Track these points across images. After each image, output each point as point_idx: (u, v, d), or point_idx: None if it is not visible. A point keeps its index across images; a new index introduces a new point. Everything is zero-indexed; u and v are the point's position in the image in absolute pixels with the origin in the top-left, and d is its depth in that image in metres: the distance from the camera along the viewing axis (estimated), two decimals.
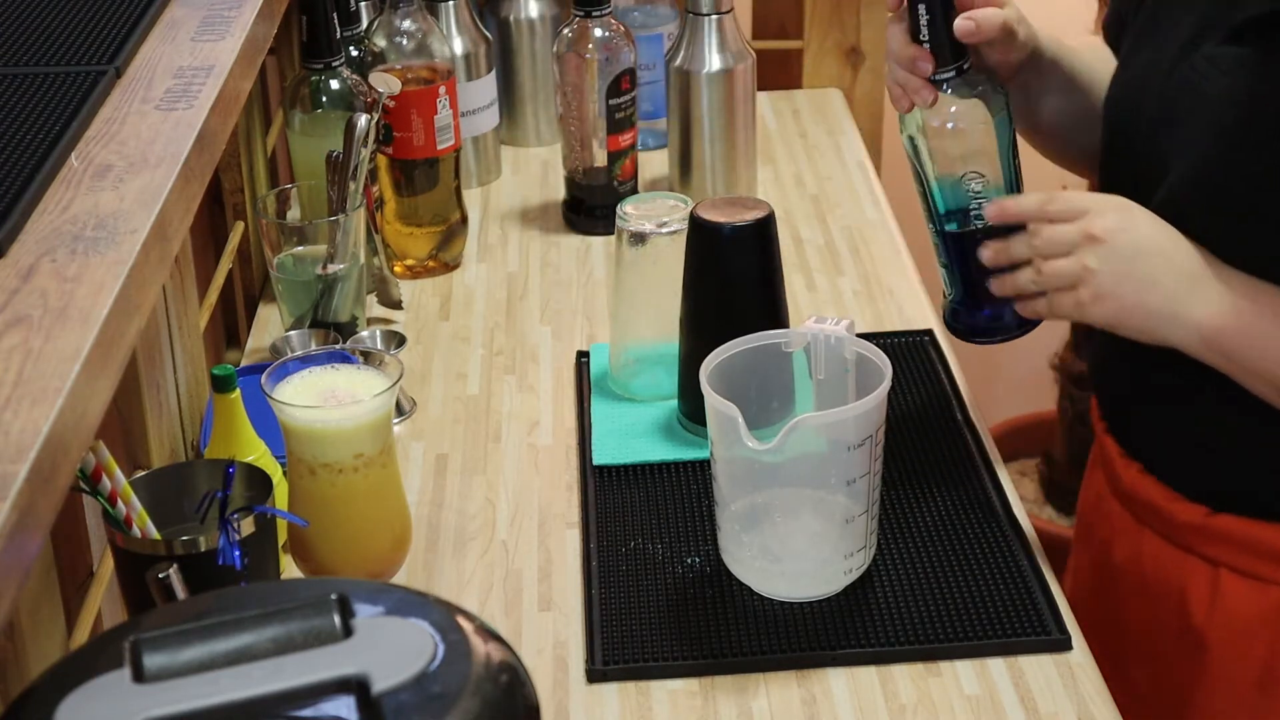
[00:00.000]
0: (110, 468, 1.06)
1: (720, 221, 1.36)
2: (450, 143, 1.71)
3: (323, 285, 1.51)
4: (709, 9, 1.74)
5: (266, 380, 1.17)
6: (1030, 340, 1.34)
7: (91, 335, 0.86)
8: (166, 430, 1.32)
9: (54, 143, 1.05)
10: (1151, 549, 1.36)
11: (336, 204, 1.51)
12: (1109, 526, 1.42)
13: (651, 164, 1.92)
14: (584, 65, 1.75)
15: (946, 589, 1.24)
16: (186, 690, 0.70)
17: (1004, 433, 2.71)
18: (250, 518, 1.10)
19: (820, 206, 1.87)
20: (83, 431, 0.84)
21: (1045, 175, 1.65)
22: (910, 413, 1.46)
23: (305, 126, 1.66)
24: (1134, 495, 1.37)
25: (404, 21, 1.69)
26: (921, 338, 1.58)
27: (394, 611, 0.76)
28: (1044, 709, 1.14)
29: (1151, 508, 1.35)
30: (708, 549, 1.29)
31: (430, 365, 1.58)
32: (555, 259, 1.77)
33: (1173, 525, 1.33)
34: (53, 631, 1.04)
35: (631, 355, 1.49)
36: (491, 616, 1.25)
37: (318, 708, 0.70)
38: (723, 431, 1.19)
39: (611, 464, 1.41)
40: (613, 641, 1.20)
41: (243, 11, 1.33)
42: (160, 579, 1.03)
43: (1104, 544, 1.43)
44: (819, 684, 1.17)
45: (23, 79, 1.15)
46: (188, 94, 1.17)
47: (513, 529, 1.35)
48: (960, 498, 1.34)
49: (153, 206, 1.00)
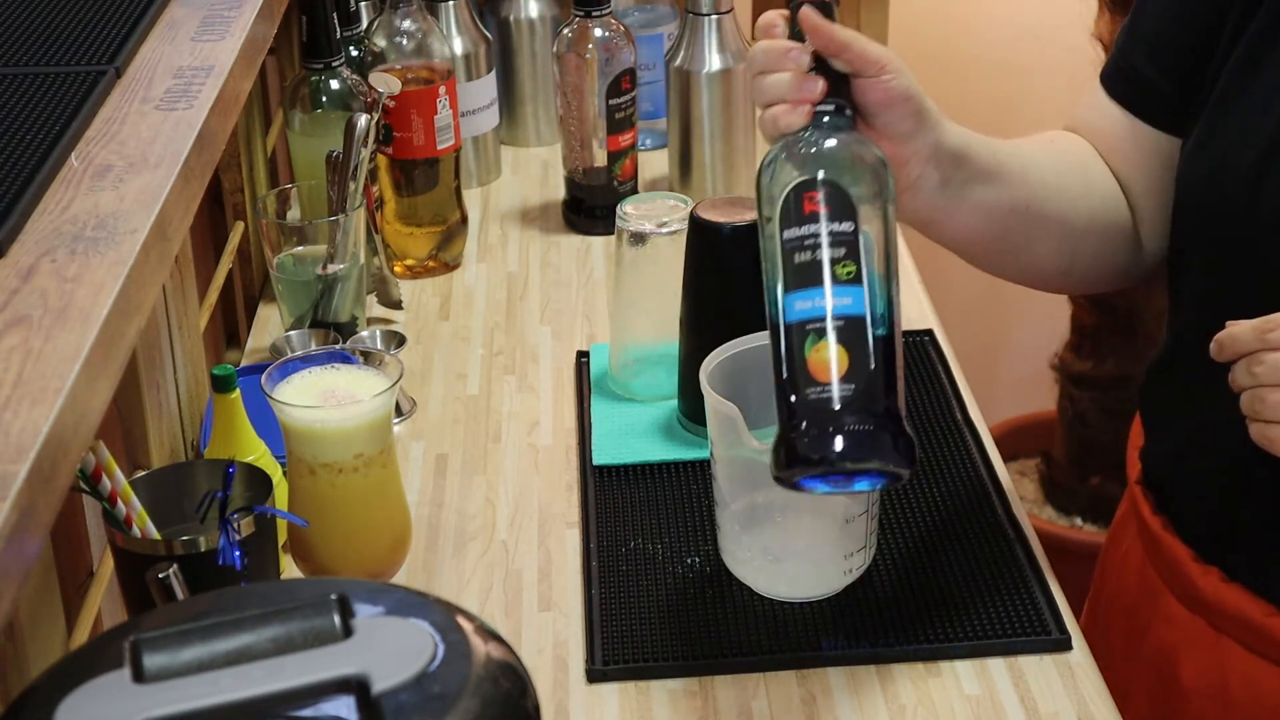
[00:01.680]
0: (110, 468, 1.06)
1: (720, 221, 1.36)
2: (450, 143, 1.71)
3: (323, 285, 1.51)
4: (709, 9, 1.74)
5: (266, 380, 1.17)
6: (1030, 340, 1.34)
7: (91, 335, 0.86)
8: (166, 430, 1.32)
9: (54, 143, 1.05)
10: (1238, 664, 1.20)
11: (336, 204, 1.51)
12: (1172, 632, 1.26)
13: (651, 164, 1.92)
14: (584, 65, 1.75)
15: (946, 589, 1.24)
16: (186, 690, 0.70)
17: (1004, 433, 2.71)
18: (250, 518, 1.10)
19: None
20: (83, 431, 0.84)
21: None
22: (910, 413, 1.45)
23: (305, 126, 1.66)
24: (1217, 607, 1.21)
25: (404, 21, 1.69)
26: (921, 338, 1.58)
27: (394, 611, 0.76)
28: (1044, 709, 1.14)
29: (1241, 620, 1.19)
30: (708, 549, 1.29)
31: (430, 365, 1.58)
32: (555, 259, 1.77)
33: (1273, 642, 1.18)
34: (53, 631, 1.04)
35: (631, 355, 1.49)
36: (491, 616, 1.25)
37: (318, 708, 0.70)
38: (723, 431, 1.19)
39: (611, 464, 1.40)
40: (613, 641, 1.20)
41: (243, 11, 1.33)
42: (160, 579, 1.03)
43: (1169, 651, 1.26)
44: (819, 684, 1.17)
45: (23, 79, 1.15)
46: (188, 94, 1.17)
47: (513, 529, 1.35)
48: (960, 498, 1.34)
49: (153, 206, 1.00)
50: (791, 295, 1.00)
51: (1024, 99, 2.55)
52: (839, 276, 0.98)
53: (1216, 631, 1.22)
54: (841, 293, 0.98)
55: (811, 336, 0.98)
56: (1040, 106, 2.34)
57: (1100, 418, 2.54)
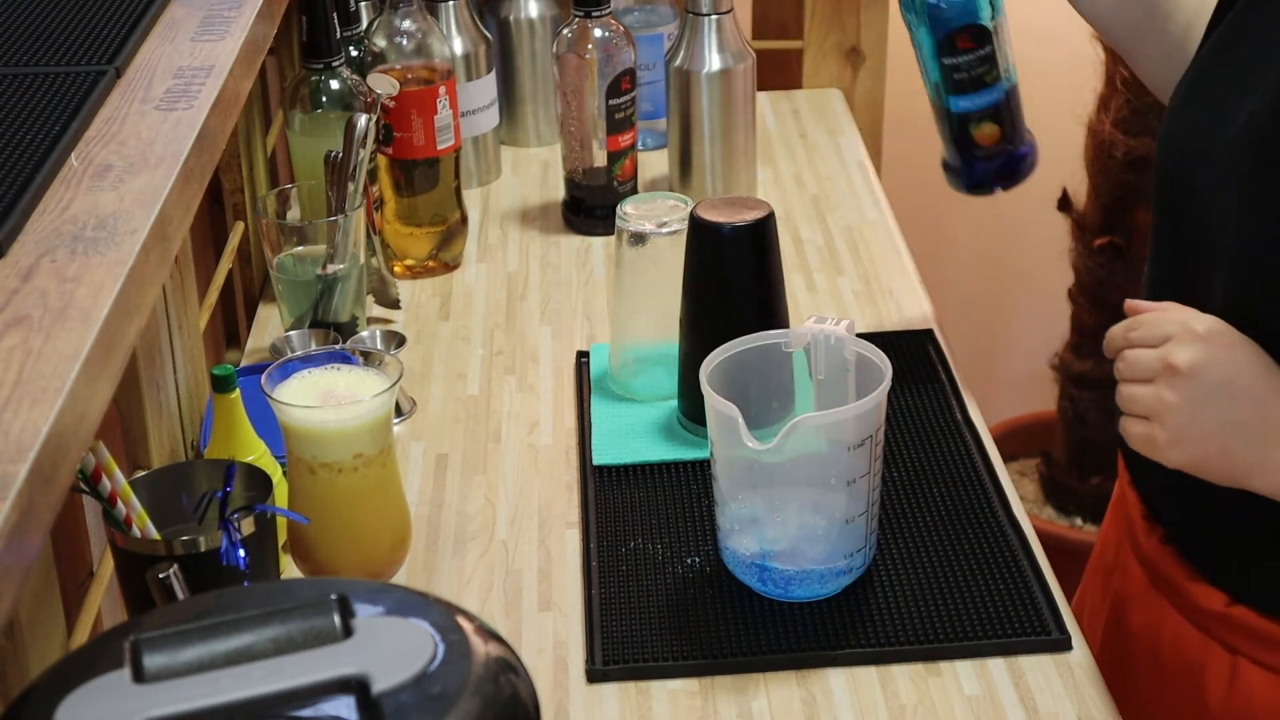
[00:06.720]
0: (110, 468, 1.06)
1: (720, 221, 1.36)
2: (450, 143, 1.71)
3: (323, 285, 1.51)
4: (709, 9, 1.74)
5: (266, 380, 1.17)
6: (1030, 340, 1.34)
7: (91, 335, 0.86)
8: (166, 430, 1.32)
9: (54, 143, 1.05)
10: (1172, 623, 1.27)
11: (336, 204, 1.51)
12: (1127, 584, 1.33)
13: (651, 164, 1.92)
14: (584, 65, 1.75)
15: (946, 589, 1.24)
16: (186, 690, 0.70)
17: (1004, 433, 2.71)
18: (250, 517, 1.10)
19: (820, 206, 1.87)
20: (83, 431, 0.84)
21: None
22: (910, 413, 1.46)
23: (305, 126, 1.66)
24: (1155, 565, 1.28)
25: (404, 21, 1.69)
26: (921, 338, 1.58)
27: (394, 611, 0.76)
28: (1044, 709, 1.14)
29: (1172, 584, 1.26)
30: (708, 549, 1.29)
31: (430, 365, 1.58)
32: (555, 259, 1.77)
33: (1193, 607, 1.24)
34: (53, 631, 1.04)
35: (631, 355, 1.49)
36: (491, 616, 1.25)
37: (318, 708, 0.70)
38: (723, 431, 1.19)
39: (611, 464, 1.41)
40: (613, 641, 1.20)
41: (243, 11, 1.33)
42: (160, 579, 1.02)
43: (1121, 601, 1.34)
44: (819, 684, 1.17)
45: (23, 79, 1.15)
46: (187, 94, 1.17)
47: (513, 529, 1.35)
48: (960, 498, 1.34)
49: (153, 206, 1.00)
50: (953, 96, 1.42)
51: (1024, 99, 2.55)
52: (986, 83, 1.41)
53: (1155, 588, 1.28)
54: (987, 93, 1.41)
55: (974, 121, 1.42)
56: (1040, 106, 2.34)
57: (1100, 418, 2.54)
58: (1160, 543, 1.27)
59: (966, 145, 1.43)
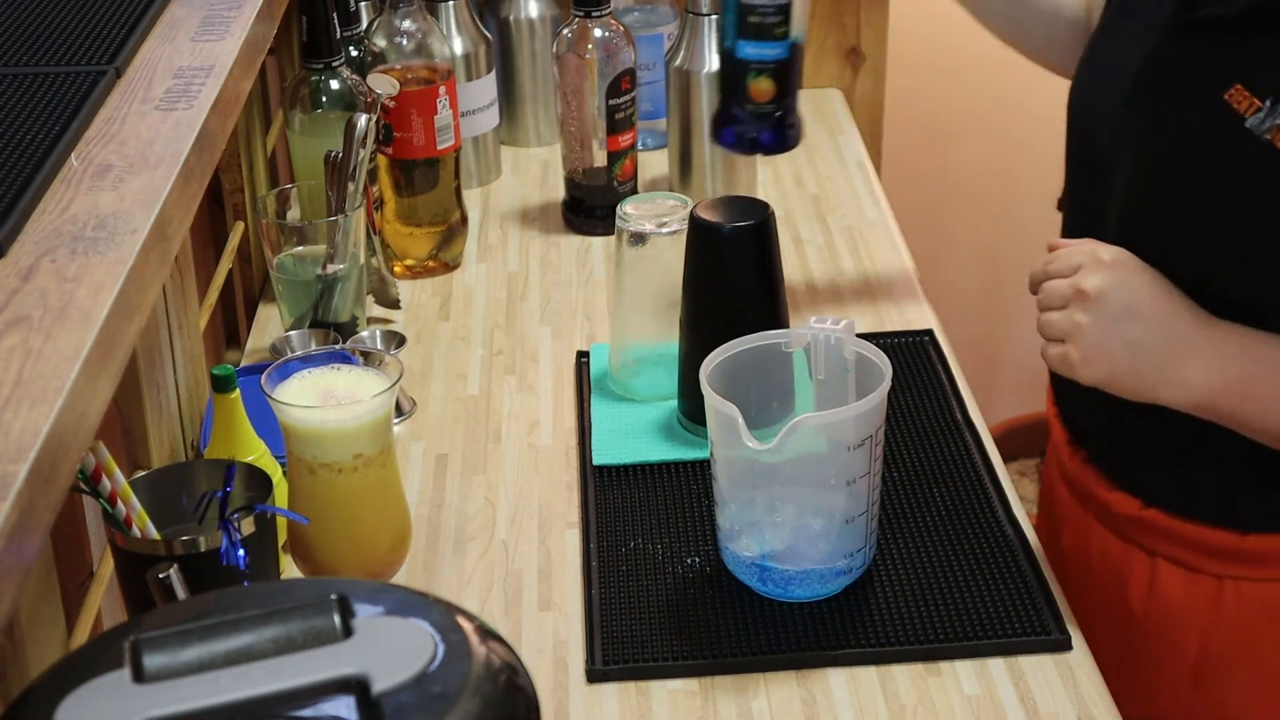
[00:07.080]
0: (110, 468, 1.06)
1: (720, 221, 1.36)
2: (450, 143, 1.71)
3: (323, 285, 1.51)
4: (709, 9, 1.74)
5: (266, 380, 1.17)
6: (1030, 340, 1.34)
7: (91, 335, 0.86)
8: (166, 430, 1.32)
9: (54, 143, 1.05)
10: (1097, 536, 1.39)
11: (336, 204, 1.51)
12: (1057, 507, 1.45)
13: (651, 164, 1.92)
14: (584, 65, 1.75)
15: (946, 589, 1.24)
16: (186, 690, 0.70)
17: (1004, 433, 2.71)
18: (250, 517, 1.10)
19: (820, 206, 1.87)
20: (83, 431, 0.84)
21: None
22: (910, 413, 1.46)
23: (305, 126, 1.66)
24: (1078, 482, 1.40)
25: (404, 21, 1.69)
26: (921, 338, 1.58)
27: (394, 611, 0.76)
28: (1044, 709, 1.14)
29: (1092, 496, 1.38)
30: (708, 549, 1.29)
31: (430, 365, 1.58)
32: (555, 259, 1.77)
33: (1111, 514, 1.36)
34: (53, 631, 1.04)
35: (631, 355, 1.49)
36: (491, 616, 1.25)
37: (318, 708, 0.70)
38: (723, 431, 1.19)
39: (611, 464, 1.41)
40: (613, 641, 1.20)
41: (243, 11, 1.33)
42: (160, 579, 1.02)
43: (1054, 524, 1.46)
44: (819, 684, 1.17)
45: (23, 79, 1.15)
46: (187, 94, 1.17)
47: (513, 529, 1.35)
48: (960, 498, 1.35)
49: (153, 206, 1.00)
50: (743, 41, 1.45)
51: (1024, 99, 2.55)
52: (775, 35, 1.44)
53: (1083, 509, 1.40)
54: (773, 46, 1.44)
55: (753, 71, 1.45)
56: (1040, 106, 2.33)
57: None
58: (1083, 462, 1.40)
59: (741, 97, 1.46)
